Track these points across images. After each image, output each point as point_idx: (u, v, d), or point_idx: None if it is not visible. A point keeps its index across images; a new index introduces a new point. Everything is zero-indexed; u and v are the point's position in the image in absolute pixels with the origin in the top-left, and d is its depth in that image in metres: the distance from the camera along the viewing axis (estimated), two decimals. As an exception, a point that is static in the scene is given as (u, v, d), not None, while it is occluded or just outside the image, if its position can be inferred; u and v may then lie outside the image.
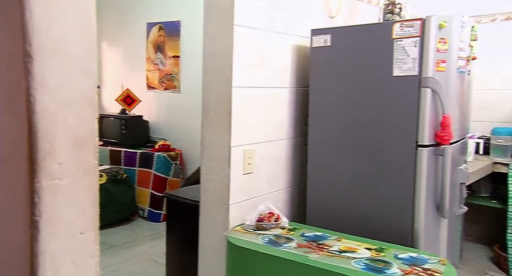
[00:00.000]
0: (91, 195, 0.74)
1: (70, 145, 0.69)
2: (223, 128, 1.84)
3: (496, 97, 3.16)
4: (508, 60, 3.11)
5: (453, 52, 1.72)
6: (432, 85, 1.69)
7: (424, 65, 1.68)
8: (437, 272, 1.41)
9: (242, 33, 1.79)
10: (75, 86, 0.70)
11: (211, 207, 1.91)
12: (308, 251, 1.57)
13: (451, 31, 1.69)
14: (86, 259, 0.73)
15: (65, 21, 0.65)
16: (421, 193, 1.74)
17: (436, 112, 1.73)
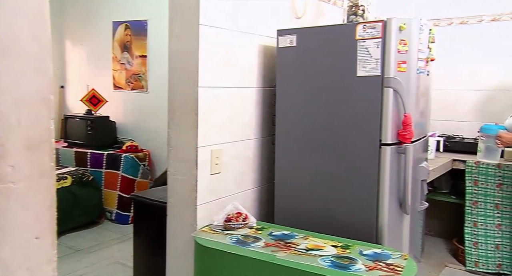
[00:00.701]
0: (48, 198, 0.71)
1: (23, 147, 0.67)
2: (189, 128, 1.83)
3: (454, 97, 3.28)
4: (464, 62, 3.24)
5: (413, 54, 1.78)
6: (394, 85, 1.74)
7: (386, 65, 1.73)
8: (399, 266, 1.45)
9: (207, 33, 1.79)
10: (28, 86, 0.68)
11: (178, 208, 1.89)
12: (275, 250, 1.58)
13: (411, 33, 1.74)
14: (43, 265, 0.71)
15: (15, 19, 0.63)
16: (384, 190, 1.78)
17: (398, 112, 1.78)
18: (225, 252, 1.59)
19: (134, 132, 4.48)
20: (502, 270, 2.79)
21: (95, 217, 3.88)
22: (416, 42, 1.78)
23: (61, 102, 5.05)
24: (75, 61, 4.97)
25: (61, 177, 3.62)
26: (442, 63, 3.07)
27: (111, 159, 4.04)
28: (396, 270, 1.43)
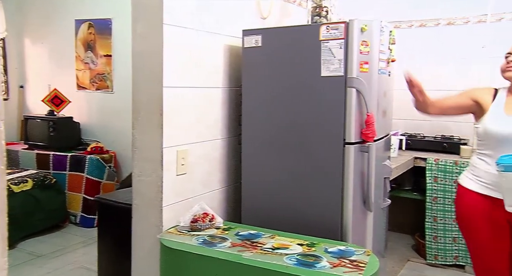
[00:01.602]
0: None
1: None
2: (154, 128, 1.80)
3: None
4: (424, 63, 3.36)
5: (374, 54, 1.83)
6: (357, 85, 1.77)
7: (349, 66, 1.76)
8: (362, 262, 1.49)
9: (172, 32, 1.77)
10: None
11: (144, 209, 1.87)
12: (242, 250, 1.59)
13: (372, 35, 1.79)
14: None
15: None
16: (349, 188, 1.82)
17: (361, 111, 1.82)
18: (191, 253, 1.58)
19: (99, 133, 4.38)
20: (458, 261, 2.92)
21: (58, 221, 3.76)
22: (377, 43, 1.83)
23: (20, 103, 4.87)
24: (35, 60, 4.80)
25: (21, 181, 3.49)
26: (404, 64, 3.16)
27: (75, 161, 3.93)
28: (359, 266, 1.46)
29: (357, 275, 1.39)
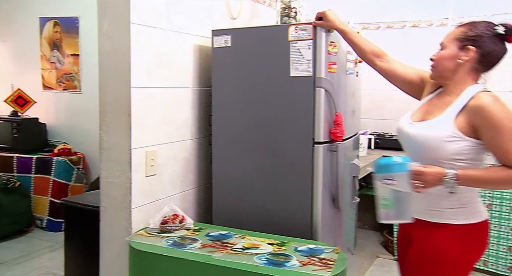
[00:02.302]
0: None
1: None
2: (122, 129, 1.77)
3: (383, 97, 3.47)
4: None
5: (342, 55, 1.86)
6: (325, 85, 1.80)
7: (318, 66, 1.78)
8: (331, 260, 1.51)
9: (139, 31, 1.74)
10: None
11: (112, 212, 1.83)
12: (212, 251, 1.58)
13: (340, 35, 1.81)
14: None
15: None
16: (318, 187, 1.84)
17: (330, 111, 1.85)
18: (160, 255, 1.56)
19: (67, 135, 4.26)
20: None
21: (23, 225, 3.64)
22: (345, 44, 1.86)
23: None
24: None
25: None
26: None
27: (41, 164, 3.81)
28: (328, 264, 1.48)
29: (325, 273, 1.41)
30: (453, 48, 1.44)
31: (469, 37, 1.40)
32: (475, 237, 1.43)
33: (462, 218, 1.41)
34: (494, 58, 1.40)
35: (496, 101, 1.33)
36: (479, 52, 1.39)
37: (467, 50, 1.40)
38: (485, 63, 1.41)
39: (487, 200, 2.82)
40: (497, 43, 1.38)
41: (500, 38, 1.38)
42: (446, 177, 1.34)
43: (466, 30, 1.42)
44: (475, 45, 1.39)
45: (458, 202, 1.42)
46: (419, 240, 1.49)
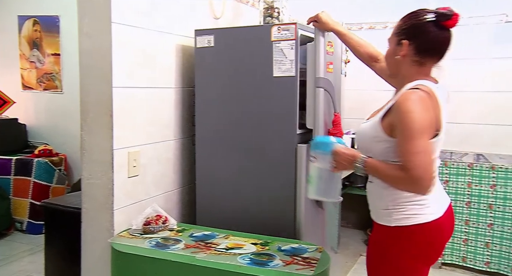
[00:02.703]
0: None
1: None
2: (104, 130, 1.75)
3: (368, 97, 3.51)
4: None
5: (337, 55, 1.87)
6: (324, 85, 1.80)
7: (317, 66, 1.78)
8: (314, 259, 1.52)
9: (121, 31, 1.73)
10: None
11: (94, 213, 1.81)
12: (195, 251, 1.57)
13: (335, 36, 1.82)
14: None
15: None
16: (301, 187, 1.85)
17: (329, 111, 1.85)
18: (143, 257, 1.55)
19: (48, 135, 4.18)
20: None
21: (2, 228, 3.56)
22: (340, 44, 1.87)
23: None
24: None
25: (-41, 187, 3.27)
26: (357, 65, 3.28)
27: (21, 165, 3.73)
28: (311, 263, 1.49)
29: (308, 272, 1.41)
30: (392, 44, 1.40)
31: (403, 31, 1.35)
32: (412, 241, 1.34)
33: (393, 220, 1.35)
34: (433, 46, 1.33)
35: (414, 99, 1.24)
36: (413, 44, 1.32)
37: (401, 45, 1.34)
38: (424, 53, 1.33)
39: (466, 198, 2.88)
40: (432, 30, 1.30)
41: (434, 25, 1.30)
42: (356, 161, 1.32)
43: (401, 24, 1.38)
44: (408, 37, 1.33)
45: (391, 203, 1.36)
46: (370, 239, 1.51)
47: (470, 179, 2.85)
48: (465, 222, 2.89)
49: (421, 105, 1.23)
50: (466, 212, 2.88)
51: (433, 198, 1.35)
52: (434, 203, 1.36)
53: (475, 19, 3.08)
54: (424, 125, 1.22)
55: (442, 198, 1.43)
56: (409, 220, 1.33)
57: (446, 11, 1.30)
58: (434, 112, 1.26)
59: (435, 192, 1.35)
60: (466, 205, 2.88)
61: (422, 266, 1.39)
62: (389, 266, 1.39)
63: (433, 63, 1.36)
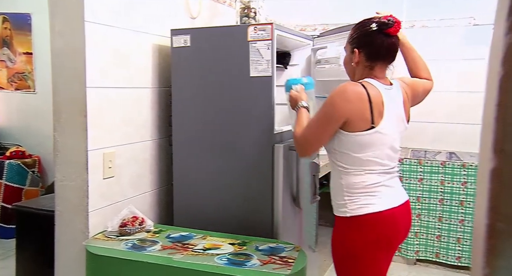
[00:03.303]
0: None
1: None
2: (78, 131, 1.72)
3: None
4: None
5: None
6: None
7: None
8: (291, 258, 1.53)
9: (95, 30, 1.70)
10: None
11: (68, 216, 1.77)
12: (172, 252, 1.56)
13: (298, 37, 1.85)
14: None
15: None
16: (279, 187, 1.86)
17: (289, 111, 1.86)
18: (118, 259, 1.53)
19: (21, 137, 4.07)
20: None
21: (-28, 233, 3.45)
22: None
23: None
24: None
25: None
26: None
27: (-9, 167, 3.62)
28: (288, 262, 1.50)
29: (285, 271, 1.42)
30: (348, 52, 1.55)
31: (353, 40, 1.50)
32: (365, 229, 1.45)
33: (348, 211, 1.47)
34: (380, 53, 1.47)
35: (338, 90, 1.42)
36: (363, 52, 1.48)
37: (354, 53, 1.49)
38: (373, 59, 1.47)
39: (439, 195, 2.95)
40: (377, 38, 1.45)
41: (379, 33, 1.44)
42: (297, 104, 1.63)
43: (352, 33, 1.52)
44: (358, 46, 1.48)
45: (346, 195, 1.48)
46: (332, 231, 1.60)
47: (443, 177, 2.92)
48: (438, 219, 2.97)
49: (343, 96, 1.41)
50: (439, 209, 2.96)
51: (386, 191, 1.47)
52: (387, 196, 1.48)
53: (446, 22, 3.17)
54: (331, 111, 1.42)
55: (397, 194, 1.53)
56: (361, 209, 1.45)
57: (387, 20, 1.45)
58: (361, 105, 1.40)
59: (390, 186, 1.50)
60: (439, 202, 2.95)
61: (378, 254, 1.48)
62: (347, 254, 1.50)
63: (383, 66, 1.50)
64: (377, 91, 1.42)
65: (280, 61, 2.30)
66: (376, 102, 1.41)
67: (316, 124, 1.46)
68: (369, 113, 1.40)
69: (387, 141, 1.46)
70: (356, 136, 1.42)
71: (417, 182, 2.99)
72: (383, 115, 1.42)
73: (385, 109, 1.42)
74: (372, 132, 1.41)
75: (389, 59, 1.50)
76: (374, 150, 1.44)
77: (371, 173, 1.46)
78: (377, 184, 1.47)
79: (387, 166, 1.48)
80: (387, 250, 1.51)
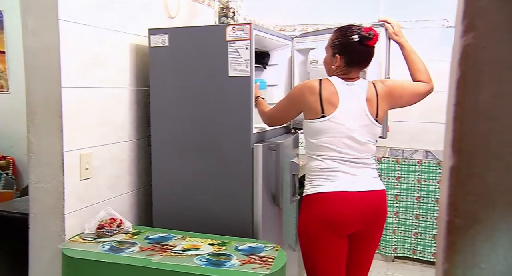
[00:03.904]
0: None
1: None
2: (53, 132, 1.68)
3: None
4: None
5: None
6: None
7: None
8: (271, 258, 1.54)
9: (70, 29, 1.67)
10: None
11: (43, 218, 1.73)
12: (151, 254, 1.55)
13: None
14: None
15: None
16: (258, 186, 1.86)
17: (268, 111, 1.87)
18: (95, 261, 1.50)
19: (-6, 138, 3.96)
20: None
21: None
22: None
23: None
24: None
25: None
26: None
27: (-37, 170, 3.51)
28: (268, 261, 1.50)
29: (265, 270, 1.43)
30: (328, 54, 1.76)
31: (336, 46, 1.71)
32: (314, 207, 1.69)
33: (306, 191, 1.74)
34: (358, 60, 1.70)
35: (299, 84, 1.78)
36: (343, 58, 1.70)
37: (336, 58, 1.71)
38: (351, 65, 1.70)
39: (416, 193, 3.01)
40: (357, 48, 1.67)
41: (359, 44, 1.66)
42: (255, 99, 1.92)
43: (334, 38, 1.72)
44: (340, 52, 1.69)
45: (308, 177, 1.77)
46: None
47: (419, 175, 2.98)
48: (415, 217, 3.03)
49: (299, 90, 1.74)
50: (416, 207, 3.02)
51: (342, 177, 1.67)
52: (342, 181, 1.67)
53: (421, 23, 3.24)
54: (290, 99, 1.80)
55: (360, 182, 1.69)
56: (313, 189, 1.71)
57: (368, 33, 1.65)
58: (311, 98, 1.67)
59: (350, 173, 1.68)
60: (416, 200, 3.01)
61: (328, 235, 1.67)
62: (301, 231, 1.75)
63: (358, 70, 1.74)
64: (332, 87, 1.67)
65: (259, 61, 2.30)
66: (326, 96, 1.65)
67: (281, 107, 1.84)
68: (319, 105, 1.64)
69: (342, 130, 1.65)
70: (310, 123, 1.69)
71: (395, 181, 3.04)
72: (336, 106, 1.64)
73: (340, 102, 1.65)
74: (323, 120, 1.65)
75: (365, 64, 1.74)
76: (327, 137, 1.66)
77: (326, 158, 1.68)
78: (332, 169, 1.67)
79: (348, 154, 1.67)
80: (338, 233, 1.67)
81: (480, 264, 0.35)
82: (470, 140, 0.35)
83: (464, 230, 0.36)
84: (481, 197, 0.35)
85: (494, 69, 0.34)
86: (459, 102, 0.36)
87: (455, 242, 0.36)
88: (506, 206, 0.34)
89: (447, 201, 0.38)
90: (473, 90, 0.35)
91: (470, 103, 0.35)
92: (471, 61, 0.36)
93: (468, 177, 0.36)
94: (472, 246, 0.35)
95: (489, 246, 0.34)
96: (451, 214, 0.37)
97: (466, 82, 0.36)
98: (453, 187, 0.37)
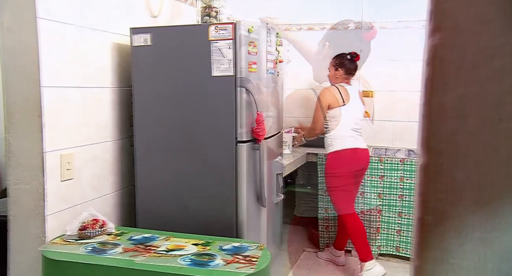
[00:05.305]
0: None
1: None
2: (33, 132, 1.66)
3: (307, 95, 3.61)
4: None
5: (262, 55, 1.90)
6: (246, 85, 1.83)
7: (238, 66, 1.81)
8: (255, 257, 1.54)
9: (49, 27, 1.64)
10: None
11: (23, 220, 1.71)
12: (134, 255, 1.54)
13: (260, 36, 1.85)
14: None
15: None
16: (242, 186, 1.87)
17: (251, 110, 1.88)
18: (77, 263, 1.48)
19: (-27, 139, 3.87)
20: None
21: None
22: (265, 44, 1.90)
23: None
24: None
25: None
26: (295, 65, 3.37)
27: None
28: (252, 261, 1.51)
29: (249, 269, 1.43)
30: (332, 70, 2.85)
31: (337, 64, 2.81)
32: (335, 160, 2.76)
33: (327, 149, 2.81)
34: (350, 71, 2.81)
35: (323, 90, 2.83)
36: (341, 70, 2.80)
37: (338, 72, 2.80)
38: (347, 74, 2.80)
39: (399, 191, 3.05)
40: (350, 63, 2.79)
41: (351, 61, 2.79)
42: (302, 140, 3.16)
43: (335, 60, 2.82)
44: (340, 67, 2.80)
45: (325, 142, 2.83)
46: None
47: (402, 174, 3.02)
48: (398, 214, 3.06)
49: (324, 94, 2.79)
50: (399, 205, 3.05)
51: (352, 139, 2.76)
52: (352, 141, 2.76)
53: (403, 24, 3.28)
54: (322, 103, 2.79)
55: (359, 142, 2.79)
56: (333, 148, 2.77)
57: (354, 54, 2.79)
58: (332, 97, 2.74)
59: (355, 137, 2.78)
60: (399, 198, 3.05)
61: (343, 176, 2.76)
62: (326, 176, 2.88)
63: (350, 77, 2.83)
64: (344, 89, 2.78)
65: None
66: (344, 93, 2.76)
67: (317, 113, 2.82)
68: (341, 98, 2.74)
69: (352, 112, 2.77)
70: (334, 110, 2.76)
71: (378, 179, 3.07)
72: (349, 99, 2.76)
73: (350, 97, 2.77)
74: (343, 107, 2.74)
75: (354, 73, 2.84)
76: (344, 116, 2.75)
77: (345, 129, 2.74)
78: (348, 135, 2.75)
79: (355, 127, 2.78)
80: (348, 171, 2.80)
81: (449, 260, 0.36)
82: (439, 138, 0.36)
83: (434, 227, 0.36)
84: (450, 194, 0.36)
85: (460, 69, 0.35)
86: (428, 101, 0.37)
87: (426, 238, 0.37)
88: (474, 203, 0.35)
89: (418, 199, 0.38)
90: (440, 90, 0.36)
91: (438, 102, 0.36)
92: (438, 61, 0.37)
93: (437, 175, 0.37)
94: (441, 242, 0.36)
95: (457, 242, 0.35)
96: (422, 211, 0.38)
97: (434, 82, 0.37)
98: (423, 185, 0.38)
